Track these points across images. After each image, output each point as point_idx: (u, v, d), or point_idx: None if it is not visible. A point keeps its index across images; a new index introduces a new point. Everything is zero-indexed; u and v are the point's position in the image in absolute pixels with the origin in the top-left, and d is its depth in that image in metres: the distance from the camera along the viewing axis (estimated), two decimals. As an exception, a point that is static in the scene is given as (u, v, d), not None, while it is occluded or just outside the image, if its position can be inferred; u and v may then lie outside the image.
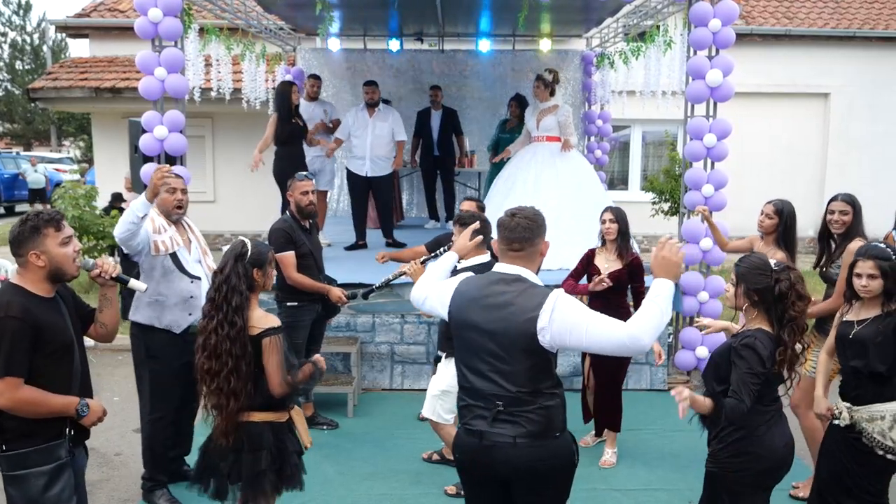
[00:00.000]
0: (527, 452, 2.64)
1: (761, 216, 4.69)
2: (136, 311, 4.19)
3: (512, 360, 2.64)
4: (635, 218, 5.53)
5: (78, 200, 8.97)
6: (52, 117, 30.02)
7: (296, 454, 3.31)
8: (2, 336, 2.68)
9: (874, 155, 13.27)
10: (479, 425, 2.70)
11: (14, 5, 32.12)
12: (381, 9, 8.21)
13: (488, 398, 2.67)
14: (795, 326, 2.92)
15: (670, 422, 5.65)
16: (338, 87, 10.57)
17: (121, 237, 3.97)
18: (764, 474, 3.05)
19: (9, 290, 2.80)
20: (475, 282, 2.82)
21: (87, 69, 12.47)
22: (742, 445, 3.02)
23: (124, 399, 6.19)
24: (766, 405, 3.02)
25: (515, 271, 2.72)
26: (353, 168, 8.05)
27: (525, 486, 2.73)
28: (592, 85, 10.27)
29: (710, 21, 5.71)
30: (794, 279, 2.94)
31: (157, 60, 5.68)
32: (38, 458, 2.81)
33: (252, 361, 3.11)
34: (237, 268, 3.13)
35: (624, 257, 4.85)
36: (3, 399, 2.70)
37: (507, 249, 2.75)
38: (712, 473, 3.16)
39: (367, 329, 6.27)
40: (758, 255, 3.20)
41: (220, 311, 3.09)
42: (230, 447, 3.16)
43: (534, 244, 2.74)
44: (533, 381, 2.65)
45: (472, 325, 2.71)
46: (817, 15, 13.49)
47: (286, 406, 3.28)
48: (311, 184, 5.14)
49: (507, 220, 2.74)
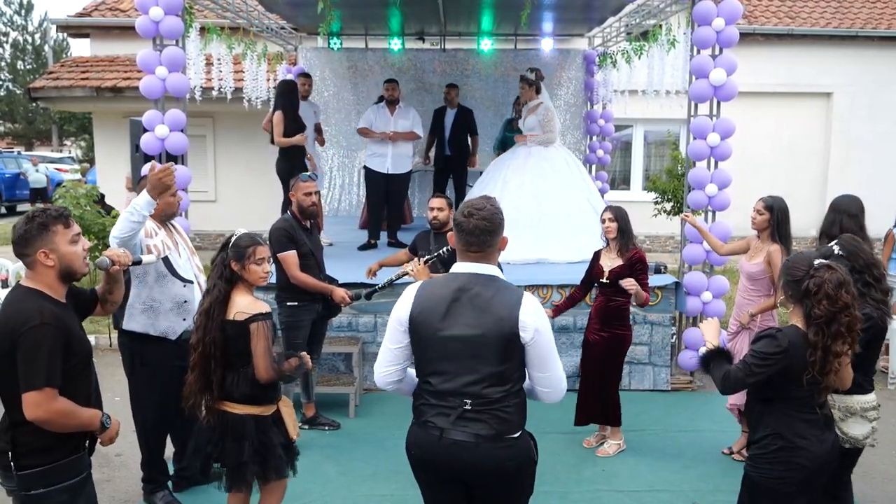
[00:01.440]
0: (488, 452, 2.61)
1: (753, 213, 4.77)
2: (131, 320, 4.05)
3: (488, 361, 2.60)
4: (637, 218, 5.51)
5: (79, 200, 8.97)
6: (54, 117, 30.07)
7: (281, 446, 3.35)
8: (40, 344, 2.50)
9: (876, 154, 13.25)
10: (440, 422, 2.65)
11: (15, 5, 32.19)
12: (382, 8, 8.19)
13: (455, 397, 2.63)
14: (825, 328, 2.84)
15: (673, 422, 5.64)
16: (339, 87, 10.55)
17: (121, 237, 3.70)
18: (805, 482, 3.00)
19: (31, 295, 2.60)
20: (442, 284, 2.71)
21: (88, 68, 12.45)
22: (784, 455, 2.95)
23: (124, 400, 6.15)
24: (805, 412, 2.95)
25: (488, 271, 2.69)
26: (373, 165, 8.02)
27: (486, 487, 2.70)
28: (595, 84, 10.25)
29: (713, 20, 5.69)
30: (829, 279, 2.85)
31: (159, 60, 5.66)
32: (58, 474, 2.63)
33: (223, 349, 3.22)
34: (218, 257, 3.31)
35: (625, 254, 4.84)
36: (41, 411, 2.52)
37: (465, 250, 2.70)
38: (751, 477, 3.09)
39: (369, 329, 6.25)
40: (811, 252, 3.15)
41: (204, 298, 3.32)
42: (215, 432, 3.26)
43: (492, 244, 2.70)
44: (504, 380, 2.62)
45: (443, 328, 2.63)
46: (819, 14, 13.47)
47: (272, 399, 3.35)
48: (314, 185, 5.14)
49: (465, 222, 2.67)
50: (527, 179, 7.16)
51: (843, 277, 2.88)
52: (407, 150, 8.05)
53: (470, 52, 10.64)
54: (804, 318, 2.91)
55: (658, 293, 6.18)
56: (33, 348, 2.50)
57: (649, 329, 6.25)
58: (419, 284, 2.78)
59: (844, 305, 2.83)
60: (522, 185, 7.11)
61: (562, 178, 7.23)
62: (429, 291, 2.71)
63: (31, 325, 2.50)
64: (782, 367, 2.88)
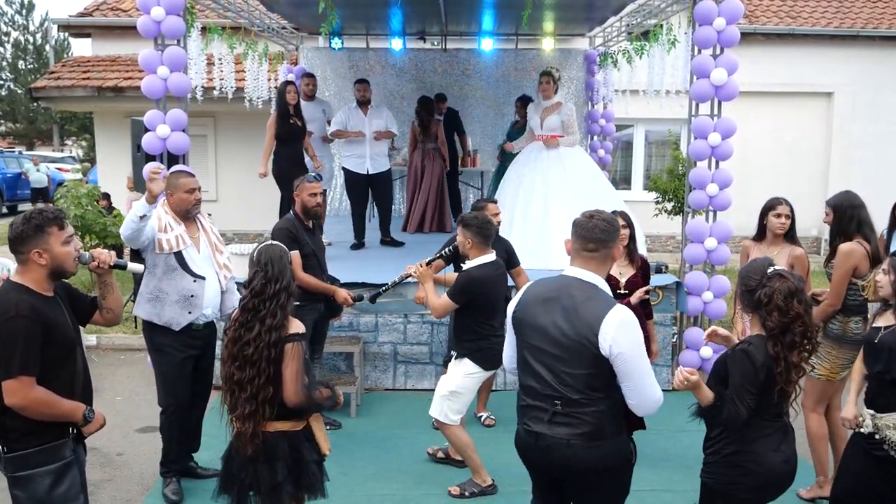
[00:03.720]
0: (581, 453, 2.69)
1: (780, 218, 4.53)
2: (139, 306, 4.27)
3: (573, 364, 2.67)
4: (639, 218, 5.51)
5: (80, 200, 8.98)
6: (55, 117, 30.07)
7: (314, 463, 3.20)
8: (15, 335, 2.65)
9: (877, 154, 13.23)
10: (536, 426, 2.76)
11: (17, 5, 32.18)
12: (383, 7, 8.20)
13: (547, 398, 2.72)
14: (781, 338, 2.77)
15: (675, 423, 5.60)
16: (340, 87, 10.54)
17: (126, 236, 4.09)
18: (757, 490, 2.92)
19: (13, 289, 2.76)
20: (547, 283, 2.84)
21: (89, 68, 12.45)
22: (736, 458, 2.89)
23: (126, 399, 6.18)
24: (766, 419, 2.87)
25: (591, 279, 2.75)
26: (351, 167, 7.99)
27: (579, 486, 2.81)
28: (595, 84, 10.24)
29: (714, 19, 5.69)
30: (779, 289, 2.77)
31: (160, 59, 5.66)
32: (42, 457, 2.78)
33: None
34: (287, 272, 3.10)
35: (635, 261, 4.75)
36: (18, 398, 2.68)
37: (581, 249, 2.76)
38: (706, 484, 3.04)
39: (371, 329, 6.26)
40: (764, 259, 3.09)
41: (262, 324, 2.99)
42: (249, 457, 3.07)
43: (608, 247, 2.76)
44: (591, 385, 2.68)
45: (536, 325, 2.75)
46: (821, 14, 13.46)
47: (304, 415, 3.17)
48: (319, 186, 5.14)
49: (585, 221, 2.77)
50: (566, 182, 6.83)
51: (794, 286, 2.79)
52: (383, 150, 8.03)
53: (471, 52, 10.64)
54: (762, 328, 2.86)
55: (659, 293, 6.18)
56: (8, 338, 2.66)
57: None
58: (530, 283, 2.93)
59: (796, 315, 2.76)
60: (561, 186, 6.77)
61: (592, 180, 7.06)
62: (533, 289, 2.86)
63: (7, 317, 2.66)
64: (765, 379, 2.80)
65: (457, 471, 4.69)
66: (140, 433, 5.46)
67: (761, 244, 4.65)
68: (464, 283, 4.27)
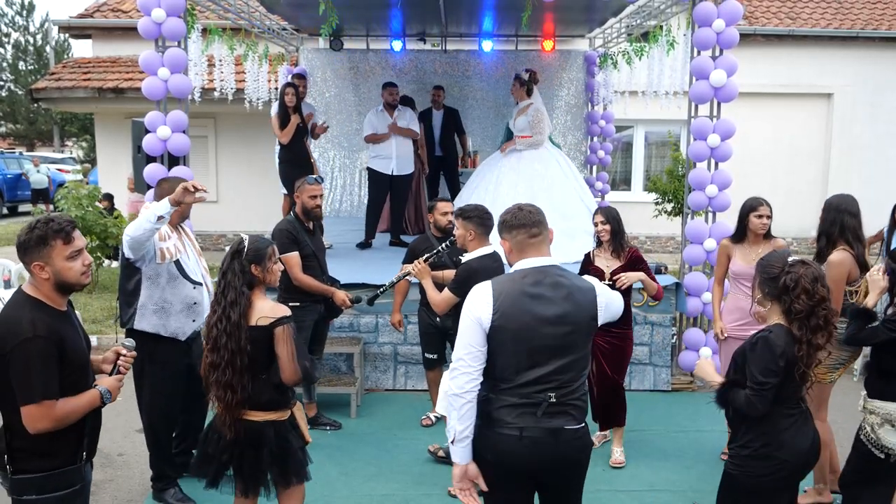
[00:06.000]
0: (568, 444, 2.68)
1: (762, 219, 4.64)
2: (142, 320, 4.09)
3: (576, 347, 2.69)
4: (638, 219, 5.53)
5: (81, 201, 8.99)
6: (55, 118, 30.07)
7: (300, 450, 3.36)
8: (33, 357, 2.50)
9: (877, 155, 13.25)
10: (520, 422, 2.65)
11: (17, 6, 32.14)
12: (384, 9, 8.21)
13: (540, 393, 2.64)
14: (806, 322, 2.87)
15: (674, 422, 5.65)
16: (340, 88, 10.56)
17: (136, 238, 3.80)
18: (789, 478, 3.03)
19: (28, 305, 2.60)
20: (519, 279, 2.70)
21: (90, 69, 12.48)
22: (768, 450, 2.96)
23: (126, 399, 6.13)
24: (789, 407, 2.97)
25: (554, 261, 2.78)
26: (377, 167, 8.06)
27: (561, 480, 2.77)
28: (595, 85, 10.26)
29: (713, 21, 5.71)
30: (805, 274, 2.88)
31: (161, 61, 5.68)
32: (50, 483, 2.62)
33: (249, 356, 3.15)
34: (234, 265, 3.21)
35: (621, 255, 4.81)
36: (45, 422, 2.54)
37: (528, 237, 2.76)
38: (731, 475, 3.08)
39: (371, 330, 6.27)
40: (782, 251, 3.21)
41: (220, 305, 3.18)
42: (232, 440, 3.21)
43: (547, 227, 2.81)
44: (582, 367, 2.73)
45: (532, 323, 2.63)
46: (820, 15, 13.47)
47: (289, 403, 3.34)
48: (320, 188, 5.16)
49: (516, 212, 2.80)
50: (520, 180, 7.15)
51: (818, 272, 2.93)
52: (409, 152, 8.12)
53: (471, 53, 10.65)
54: (784, 315, 2.93)
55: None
56: (26, 362, 2.50)
57: (650, 329, 6.27)
58: (489, 284, 2.72)
59: (822, 299, 2.88)
60: (516, 186, 7.08)
61: (555, 178, 7.23)
62: (507, 295, 2.66)
63: (23, 338, 2.50)
64: (785, 365, 2.88)
65: (457, 471, 4.69)
66: (140, 433, 5.43)
67: (742, 244, 4.72)
68: (465, 276, 4.21)
